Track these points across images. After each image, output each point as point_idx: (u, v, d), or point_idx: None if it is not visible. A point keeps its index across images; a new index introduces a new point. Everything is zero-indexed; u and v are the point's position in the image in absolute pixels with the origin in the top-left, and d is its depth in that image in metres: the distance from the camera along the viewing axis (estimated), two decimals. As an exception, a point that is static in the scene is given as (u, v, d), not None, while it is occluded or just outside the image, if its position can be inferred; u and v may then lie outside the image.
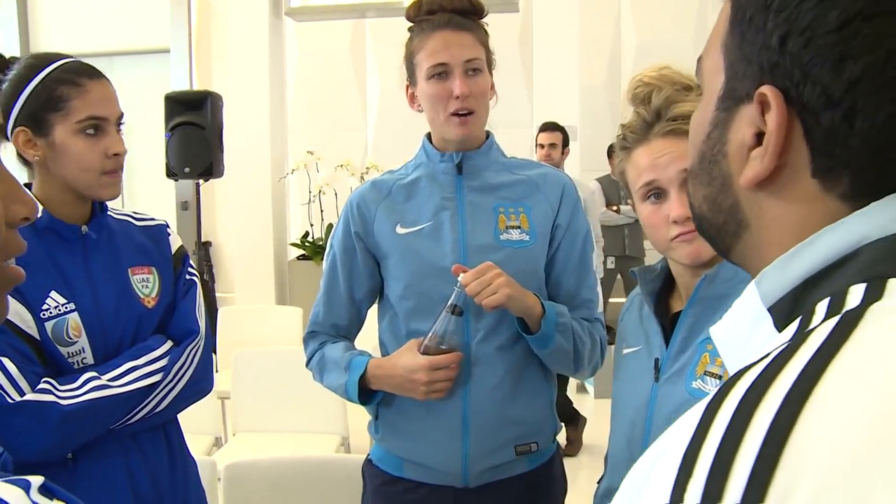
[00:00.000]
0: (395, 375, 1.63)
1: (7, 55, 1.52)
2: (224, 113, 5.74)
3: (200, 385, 1.62)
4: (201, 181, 5.84)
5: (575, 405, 4.79)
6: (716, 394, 0.47)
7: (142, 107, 6.48)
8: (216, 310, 4.93)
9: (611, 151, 6.52)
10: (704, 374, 1.25)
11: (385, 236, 1.72)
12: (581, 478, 4.01)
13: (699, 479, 0.43)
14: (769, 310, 0.56)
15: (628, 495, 0.50)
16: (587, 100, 6.10)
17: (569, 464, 4.97)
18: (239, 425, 3.50)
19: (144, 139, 6.79)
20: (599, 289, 1.78)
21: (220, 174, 5.74)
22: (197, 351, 1.60)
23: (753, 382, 0.45)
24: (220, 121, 5.71)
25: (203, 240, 6.42)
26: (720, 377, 1.23)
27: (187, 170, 5.55)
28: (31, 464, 1.41)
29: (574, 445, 4.76)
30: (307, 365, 1.82)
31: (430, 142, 1.75)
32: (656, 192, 1.30)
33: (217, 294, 6.57)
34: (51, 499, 0.59)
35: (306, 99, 6.98)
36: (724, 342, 0.62)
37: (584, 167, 5.84)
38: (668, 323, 1.34)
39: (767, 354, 0.48)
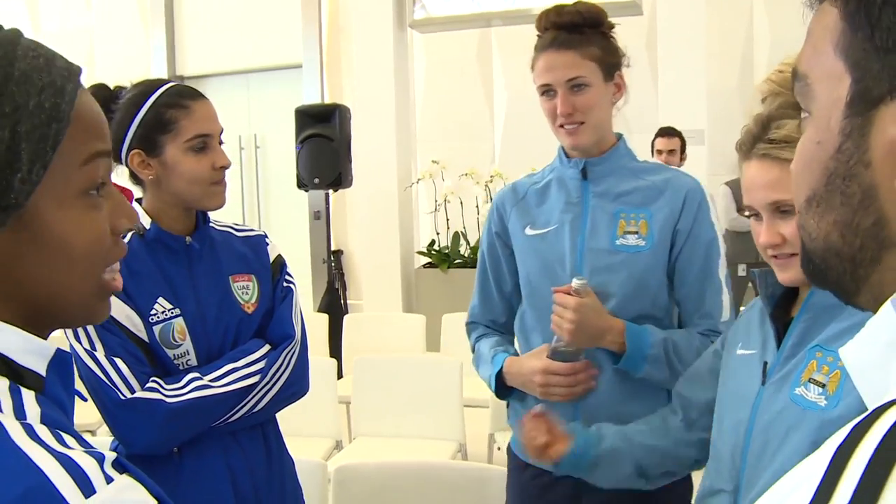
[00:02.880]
0: (520, 374, 1.77)
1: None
2: (352, 125, 5.92)
3: (296, 387, 1.68)
4: (331, 191, 6.03)
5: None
6: (848, 437, 0.44)
7: (276, 121, 6.76)
8: (342, 316, 5.07)
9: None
10: (809, 381, 1.22)
11: (517, 236, 1.83)
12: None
13: None
14: None
15: None
16: (717, 102, 5.91)
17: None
18: (359, 430, 3.59)
19: (278, 152, 7.09)
20: (726, 298, 1.73)
21: (348, 184, 5.91)
22: (293, 354, 1.67)
23: (892, 429, 0.42)
24: (349, 132, 5.89)
25: (334, 248, 6.62)
26: (824, 385, 1.20)
27: (317, 181, 5.74)
28: (140, 456, 1.50)
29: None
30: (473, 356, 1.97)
31: (563, 148, 1.82)
32: (755, 214, 1.30)
33: (349, 301, 6.75)
34: (120, 472, 0.63)
35: (433, 109, 7.09)
36: (855, 365, 0.57)
37: (712, 171, 5.65)
38: (782, 328, 1.32)
39: None
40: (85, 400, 0.89)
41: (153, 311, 1.55)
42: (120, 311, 1.52)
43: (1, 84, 0.65)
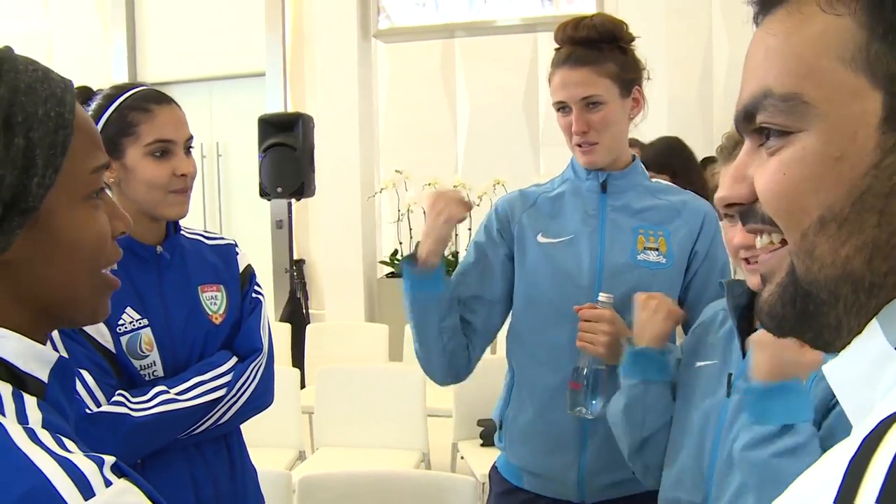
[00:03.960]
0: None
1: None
2: (315, 134, 5.90)
3: (261, 400, 1.68)
4: (294, 200, 6.00)
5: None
6: (860, 449, 0.44)
7: (239, 129, 6.72)
8: (305, 325, 5.04)
9: (703, 164, 6.39)
10: None
11: (526, 241, 1.77)
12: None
13: None
14: None
15: None
16: (677, 113, 5.99)
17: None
18: (322, 440, 3.57)
19: (240, 161, 7.04)
20: None
21: (311, 194, 5.89)
22: (260, 367, 1.66)
23: None
24: (312, 142, 5.86)
25: (297, 258, 6.58)
26: None
27: (279, 189, 5.71)
28: None
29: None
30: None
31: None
32: (730, 215, 1.31)
33: (310, 311, 6.71)
34: (119, 476, 0.65)
35: (397, 118, 7.09)
36: (839, 382, 0.55)
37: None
38: (747, 339, 1.33)
39: None
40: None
41: (121, 322, 1.53)
42: None
43: (11, 95, 0.69)
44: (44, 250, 0.72)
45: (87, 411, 1.45)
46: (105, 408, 1.46)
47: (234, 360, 1.64)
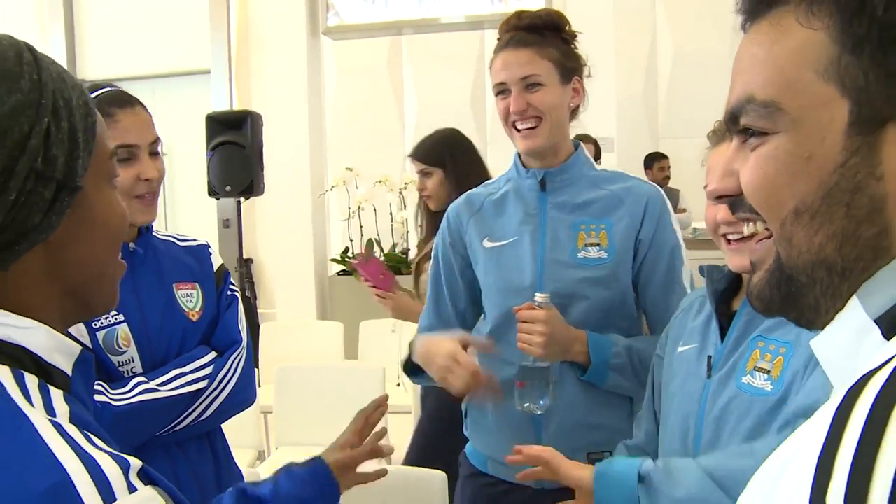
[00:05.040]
0: (428, 352, 1.75)
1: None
2: (264, 132, 5.83)
3: (244, 395, 1.66)
4: (242, 199, 5.92)
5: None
6: (844, 399, 0.48)
7: (184, 127, 6.60)
8: (258, 326, 4.99)
9: (649, 161, 6.50)
10: (754, 369, 1.28)
11: (475, 248, 1.80)
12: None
13: (839, 482, 0.44)
14: (876, 321, 0.56)
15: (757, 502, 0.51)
16: (624, 111, 6.09)
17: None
18: (282, 439, 3.54)
19: (186, 159, 6.92)
20: None
21: (260, 192, 5.82)
22: (240, 360, 1.65)
23: (884, 387, 0.46)
24: (260, 140, 5.79)
25: (245, 257, 6.51)
26: (768, 371, 1.26)
27: (228, 188, 5.63)
28: None
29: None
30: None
31: (520, 158, 1.78)
32: (716, 196, 1.33)
33: (259, 310, 6.65)
34: (146, 483, 0.64)
35: (345, 116, 7.06)
36: (826, 355, 0.61)
37: (622, 178, 5.83)
38: (726, 322, 1.37)
39: (888, 361, 0.49)
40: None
41: (96, 317, 1.51)
42: None
43: (52, 83, 0.71)
44: (81, 229, 0.73)
45: None
46: None
47: (213, 354, 1.63)
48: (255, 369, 3.74)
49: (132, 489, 0.63)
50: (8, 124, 0.66)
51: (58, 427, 0.64)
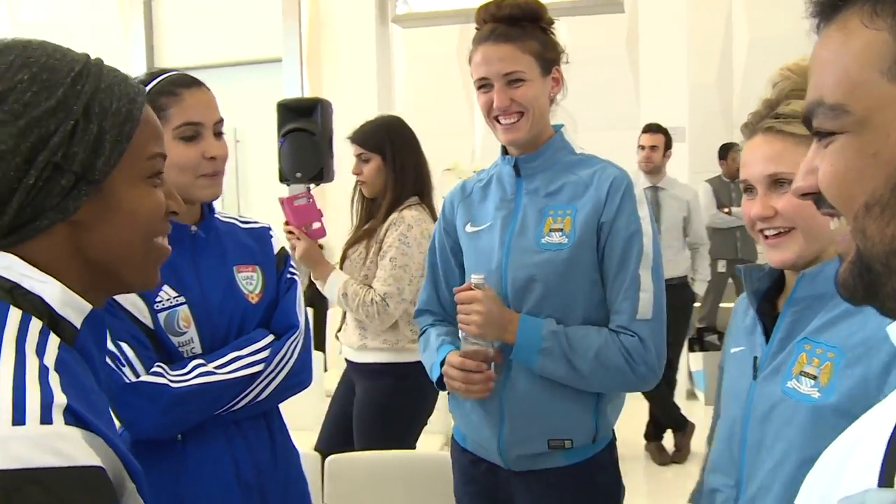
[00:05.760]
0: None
1: (135, 71, 1.67)
2: (334, 119, 5.90)
3: (300, 377, 1.68)
4: (312, 186, 6.00)
5: (683, 411, 4.70)
6: None
7: (256, 115, 6.72)
8: (326, 310, 5.05)
9: (723, 152, 6.36)
10: (801, 374, 1.23)
11: (460, 233, 1.87)
12: (689, 486, 3.92)
13: None
14: None
15: (823, 481, 0.53)
16: (697, 100, 5.97)
17: (676, 471, 4.83)
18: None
19: (258, 146, 7.05)
20: (646, 295, 1.68)
21: (330, 179, 5.85)
22: (297, 344, 1.66)
23: None
24: (330, 127, 5.84)
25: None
26: (816, 377, 1.21)
27: (299, 175, 5.68)
28: (144, 441, 1.52)
29: (682, 453, 4.66)
30: (419, 339, 1.99)
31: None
32: (749, 188, 1.31)
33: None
34: (72, 424, 0.72)
35: (415, 103, 7.08)
36: None
37: (693, 169, 5.71)
38: (770, 322, 1.33)
39: None
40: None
41: (158, 298, 1.55)
42: (125, 297, 1.52)
43: (94, 92, 0.87)
44: (105, 216, 0.88)
45: (127, 381, 1.47)
46: (144, 378, 1.48)
47: (271, 337, 1.64)
48: (322, 353, 3.80)
49: (45, 421, 0.70)
50: (37, 123, 0.82)
51: (21, 359, 0.75)
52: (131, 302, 1.53)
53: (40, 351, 0.78)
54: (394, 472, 2.35)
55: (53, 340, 0.81)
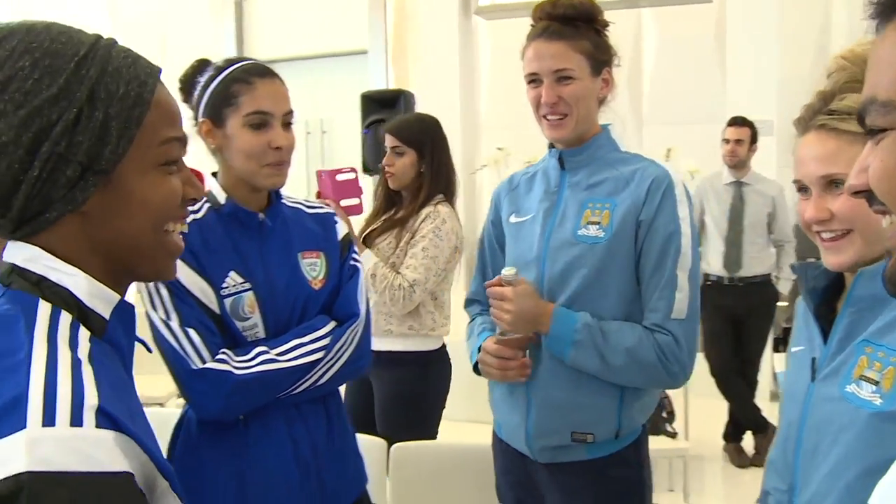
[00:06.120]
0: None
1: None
2: (417, 110, 5.94)
3: (359, 364, 1.72)
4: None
5: (765, 413, 4.58)
6: None
7: (341, 107, 6.82)
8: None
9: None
10: (861, 378, 1.17)
11: (504, 224, 1.91)
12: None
13: None
14: None
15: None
16: (788, 92, 5.78)
17: (754, 474, 4.72)
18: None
19: (343, 137, 7.15)
20: (681, 295, 1.70)
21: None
22: (357, 332, 1.70)
23: None
24: (413, 118, 5.91)
25: (398, 233, 6.66)
26: (878, 383, 1.15)
27: (381, 164, 5.78)
28: (209, 421, 1.61)
29: (762, 456, 4.54)
30: (467, 326, 2.05)
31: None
32: (803, 188, 1.26)
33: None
34: (105, 426, 0.71)
35: (500, 96, 7.07)
36: None
37: (782, 163, 5.53)
38: (828, 323, 1.28)
39: None
40: (150, 351, 0.99)
41: (225, 284, 1.60)
42: (194, 283, 1.58)
43: (99, 76, 0.82)
44: (115, 206, 0.84)
45: (193, 367, 1.54)
46: (209, 364, 1.54)
47: (332, 324, 1.69)
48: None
49: (76, 423, 0.69)
50: (38, 112, 0.78)
51: (53, 354, 0.74)
52: (200, 288, 1.59)
53: (73, 344, 0.77)
54: (459, 461, 2.38)
55: (84, 333, 0.80)
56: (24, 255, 0.82)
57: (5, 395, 0.69)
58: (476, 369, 1.88)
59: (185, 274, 1.57)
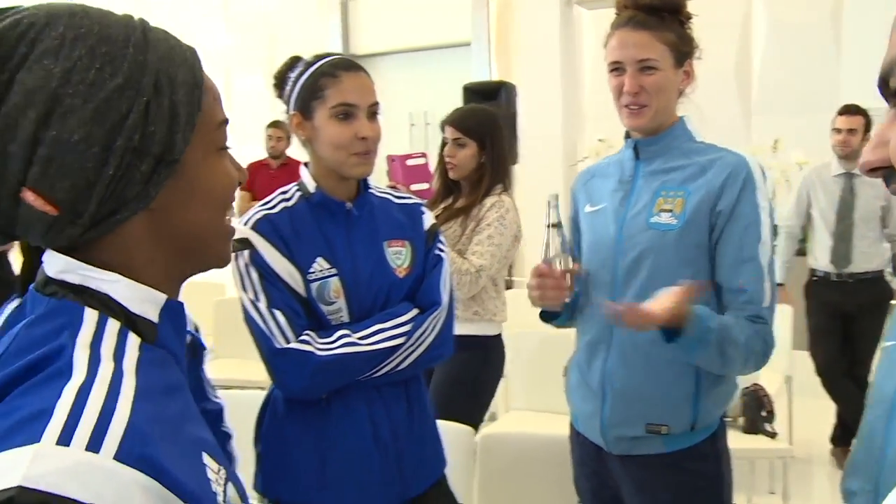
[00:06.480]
0: None
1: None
2: (519, 102, 5.95)
3: (440, 351, 1.77)
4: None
5: None
6: None
7: (444, 98, 6.89)
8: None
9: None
10: None
11: (581, 214, 1.93)
12: None
13: None
14: None
15: None
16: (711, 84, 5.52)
17: None
18: (514, 403, 3.65)
19: (446, 129, 7.21)
20: (768, 284, 1.69)
21: (514, 161, 5.94)
22: (439, 320, 1.75)
23: None
24: (515, 109, 5.92)
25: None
26: None
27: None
28: (293, 400, 1.70)
29: None
30: None
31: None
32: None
33: (514, 277, 6.81)
34: (127, 462, 0.63)
35: (601, 85, 6.98)
36: None
37: (900, 153, 5.28)
38: None
39: None
40: (204, 348, 0.95)
41: (312, 270, 1.68)
42: (283, 268, 1.66)
43: (157, 62, 0.76)
44: (182, 197, 0.79)
45: (277, 346, 1.62)
46: (293, 344, 1.62)
47: (414, 311, 1.74)
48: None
49: (93, 448, 0.63)
50: (107, 106, 0.72)
51: (94, 367, 0.69)
52: (288, 272, 1.67)
53: (119, 354, 0.72)
54: (545, 451, 2.38)
55: (133, 341, 0.75)
56: (56, 266, 0.77)
57: (32, 406, 0.65)
58: (542, 316, 1.96)
59: (275, 259, 1.66)
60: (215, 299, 4.73)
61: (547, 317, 1.97)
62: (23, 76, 0.70)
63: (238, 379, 4.05)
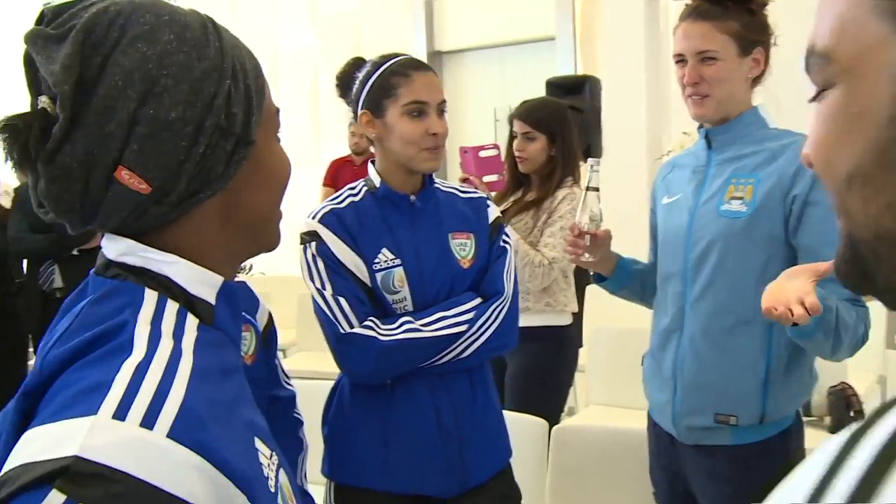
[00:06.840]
0: None
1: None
2: (604, 96, 5.90)
3: (504, 339, 1.79)
4: (581, 162, 6.05)
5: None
6: (854, 432, 0.44)
7: (529, 93, 6.86)
8: (584, 288, 5.06)
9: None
10: None
11: (658, 207, 1.96)
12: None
13: None
14: None
15: None
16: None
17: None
18: (593, 398, 3.62)
19: (530, 124, 7.19)
20: None
21: (598, 155, 5.90)
22: (502, 310, 1.78)
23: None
24: (599, 103, 5.87)
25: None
26: None
27: (567, 151, 5.78)
28: (359, 386, 1.76)
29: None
30: None
31: None
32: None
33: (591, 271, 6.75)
34: (180, 441, 0.65)
35: (690, 79, 6.87)
36: None
37: None
38: None
39: None
40: (259, 332, 0.97)
41: (377, 260, 1.74)
42: (348, 258, 1.72)
43: (232, 50, 0.80)
44: (253, 178, 0.82)
45: (341, 331, 1.68)
46: (356, 329, 1.68)
47: (477, 300, 1.77)
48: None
49: (146, 425, 0.64)
50: (199, 86, 0.76)
51: (153, 344, 0.71)
52: (353, 262, 1.73)
53: (178, 333, 0.74)
54: (619, 446, 2.37)
55: (192, 322, 0.77)
56: (117, 249, 0.78)
57: (91, 378, 0.67)
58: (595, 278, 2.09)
59: (341, 250, 1.73)
60: (299, 293, 4.80)
61: (597, 278, 2.07)
62: (118, 58, 0.73)
63: (319, 371, 4.14)
